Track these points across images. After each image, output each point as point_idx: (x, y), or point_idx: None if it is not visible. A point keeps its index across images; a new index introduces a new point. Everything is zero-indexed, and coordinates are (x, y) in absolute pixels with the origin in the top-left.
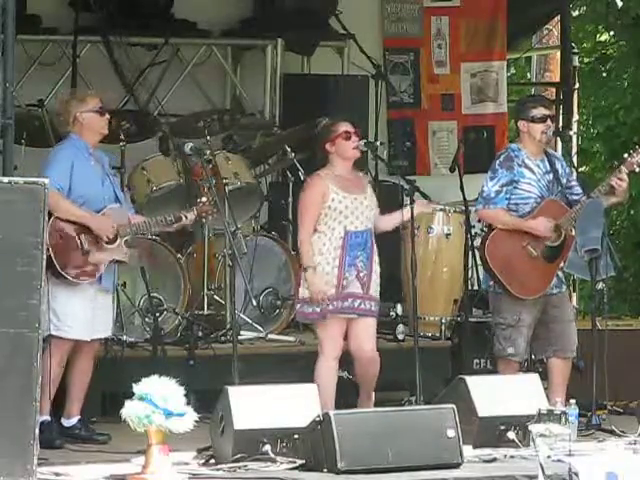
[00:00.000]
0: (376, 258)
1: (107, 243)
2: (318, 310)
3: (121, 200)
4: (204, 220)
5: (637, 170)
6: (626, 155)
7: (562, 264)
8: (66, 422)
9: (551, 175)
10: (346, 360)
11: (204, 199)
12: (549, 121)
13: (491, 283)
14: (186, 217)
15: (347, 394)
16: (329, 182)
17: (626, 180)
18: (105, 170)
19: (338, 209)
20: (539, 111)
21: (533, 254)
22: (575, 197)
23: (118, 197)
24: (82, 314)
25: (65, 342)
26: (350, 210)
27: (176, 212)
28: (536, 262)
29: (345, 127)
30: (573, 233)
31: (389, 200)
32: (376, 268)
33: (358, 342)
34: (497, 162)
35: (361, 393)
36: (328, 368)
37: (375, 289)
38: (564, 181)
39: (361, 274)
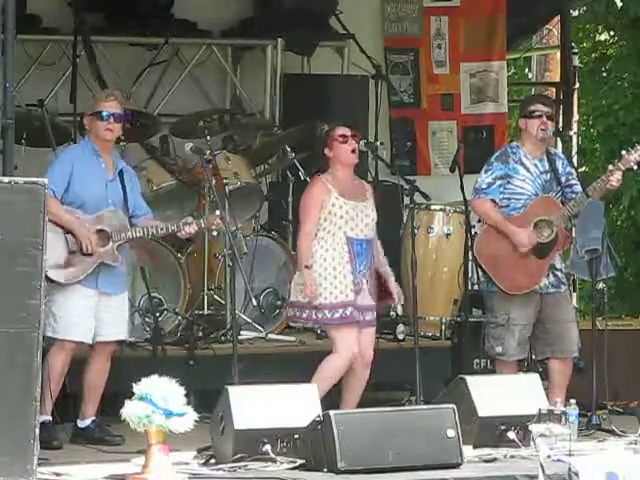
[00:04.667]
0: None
1: (98, 247)
2: (318, 317)
3: (129, 204)
4: (212, 232)
5: (635, 168)
6: (624, 152)
7: (552, 260)
8: (80, 423)
9: (549, 175)
10: None
11: (217, 212)
12: (545, 117)
13: (482, 279)
14: (190, 227)
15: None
16: (331, 186)
17: (620, 177)
18: (122, 172)
19: (338, 214)
20: (535, 107)
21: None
22: (574, 195)
23: (127, 200)
24: (79, 316)
25: (66, 344)
26: (350, 216)
27: (179, 221)
28: (526, 258)
29: (341, 131)
30: (565, 230)
31: (389, 200)
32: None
33: (361, 348)
34: (493, 156)
35: (344, 406)
36: (339, 367)
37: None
38: (563, 180)
39: (369, 284)
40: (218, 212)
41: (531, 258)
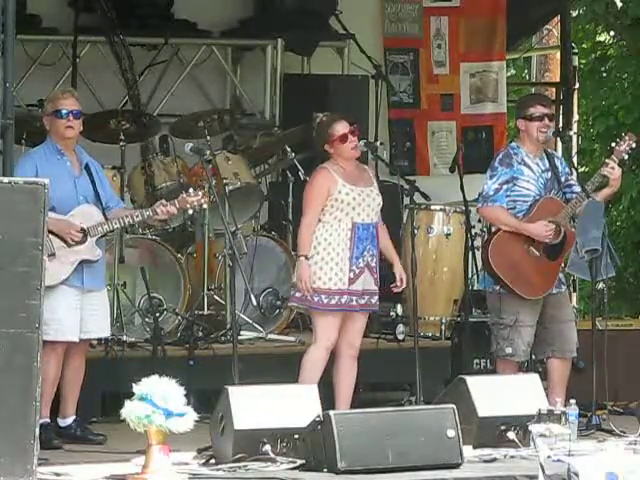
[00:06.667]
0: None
1: (77, 244)
2: (319, 300)
3: (102, 198)
4: (191, 211)
5: (626, 157)
6: (614, 144)
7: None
8: (62, 422)
9: (549, 173)
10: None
11: (191, 190)
12: (547, 120)
13: (497, 287)
14: (164, 208)
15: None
16: (336, 175)
17: (617, 169)
18: (87, 168)
19: (345, 201)
20: (537, 109)
21: (535, 254)
22: (574, 195)
23: (99, 195)
24: (66, 316)
25: (58, 344)
26: (357, 202)
27: (153, 206)
28: (539, 262)
29: (342, 129)
30: (572, 229)
31: (389, 200)
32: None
33: (349, 337)
34: (497, 160)
35: (338, 404)
36: (318, 358)
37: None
38: (562, 179)
39: (374, 268)
40: (191, 190)
41: (544, 261)
